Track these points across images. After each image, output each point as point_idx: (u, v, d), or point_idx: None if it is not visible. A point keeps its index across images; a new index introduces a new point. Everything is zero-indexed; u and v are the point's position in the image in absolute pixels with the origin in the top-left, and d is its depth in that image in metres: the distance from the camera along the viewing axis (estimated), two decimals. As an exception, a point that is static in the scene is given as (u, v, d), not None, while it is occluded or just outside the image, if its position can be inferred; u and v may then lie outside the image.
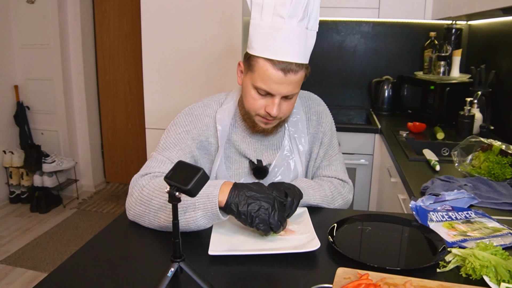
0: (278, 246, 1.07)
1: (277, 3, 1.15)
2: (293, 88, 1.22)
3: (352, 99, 3.35)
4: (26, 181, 3.91)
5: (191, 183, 0.84)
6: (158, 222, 1.14)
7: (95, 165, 4.35)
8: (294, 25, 1.15)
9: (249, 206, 1.06)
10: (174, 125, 1.35)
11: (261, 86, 1.20)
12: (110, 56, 4.19)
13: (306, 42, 1.20)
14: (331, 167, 1.47)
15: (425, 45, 3.06)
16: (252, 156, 1.38)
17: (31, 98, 4.02)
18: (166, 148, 1.31)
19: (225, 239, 1.11)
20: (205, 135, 1.35)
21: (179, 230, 0.97)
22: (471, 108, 2.35)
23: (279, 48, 1.16)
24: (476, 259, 0.96)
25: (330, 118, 1.50)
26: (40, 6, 3.78)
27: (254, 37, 1.20)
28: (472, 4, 2.07)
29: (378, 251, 1.11)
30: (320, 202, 1.34)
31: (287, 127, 1.40)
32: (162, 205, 1.12)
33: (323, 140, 1.46)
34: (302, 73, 1.21)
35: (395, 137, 2.37)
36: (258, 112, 1.26)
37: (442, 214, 1.27)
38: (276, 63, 1.16)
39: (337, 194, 1.40)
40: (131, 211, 1.20)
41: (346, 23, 3.23)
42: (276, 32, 1.16)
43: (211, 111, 1.37)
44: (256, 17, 1.20)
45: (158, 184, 1.18)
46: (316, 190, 1.35)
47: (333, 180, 1.44)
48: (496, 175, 1.62)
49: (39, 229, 3.47)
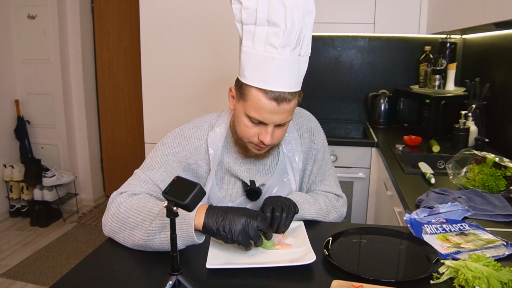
0: (274, 260, 1.09)
1: (269, 33, 1.12)
2: (286, 116, 1.21)
3: (349, 113, 3.38)
4: (26, 195, 3.92)
5: (188, 198, 0.86)
6: (132, 241, 1.14)
7: (95, 179, 4.37)
8: (287, 54, 1.13)
9: (226, 221, 1.06)
10: (162, 145, 1.34)
11: (254, 115, 1.18)
12: (110, 71, 4.23)
13: (299, 69, 1.18)
14: (325, 182, 1.49)
15: (420, 59, 3.10)
16: (245, 178, 1.37)
17: (32, 113, 4.05)
18: (151, 168, 1.31)
19: (222, 252, 1.13)
20: (193, 158, 1.34)
21: (155, 250, 0.98)
22: (466, 121, 2.38)
23: (272, 78, 1.14)
24: (468, 270, 0.97)
25: (322, 134, 1.50)
26: (41, 21, 3.84)
27: (246, 65, 1.18)
28: (466, 19, 2.11)
29: (373, 263, 1.12)
30: (315, 216, 1.36)
31: (280, 146, 1.40)
32: (138, 223, 1.14)
33: (316, 157, 1.47)
34: (295, 101, 1.20)
35: (391, 151, 2.40)
36: (251, 140, 1.25)
37: (436, 227, 1.29)
38: (269, 93, 1.14)
39: (331, 208, 1.42)
40: (106, 227, 1.21)
41: (342, 38, 3.28)
42: (268, 61, 1.13)
43: (202, 133, 1.35)
44: (247, 45, 1.17)
45: (135, 202, 1.19)
46: (311, 204, 1.36)
47: (327, 195, 1.46)
48: (490, 187, 1.64)
49: (39, 243, 3.47)
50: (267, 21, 1.12)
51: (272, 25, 1.12)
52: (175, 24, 2.65)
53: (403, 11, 2.83)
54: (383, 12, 2.85)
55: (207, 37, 2.63)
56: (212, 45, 2.64)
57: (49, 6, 3.79)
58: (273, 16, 1.10)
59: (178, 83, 2.71)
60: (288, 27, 1.10)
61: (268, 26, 1.13)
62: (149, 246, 1.12)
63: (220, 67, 2.65)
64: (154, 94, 2.75)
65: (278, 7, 1.09)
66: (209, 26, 2.61)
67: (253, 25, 1.15)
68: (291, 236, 1.21)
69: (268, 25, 1.12)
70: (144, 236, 1.11)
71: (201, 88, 2.68)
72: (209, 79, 2.66)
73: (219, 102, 2.62)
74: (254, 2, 1.12)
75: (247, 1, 1.13)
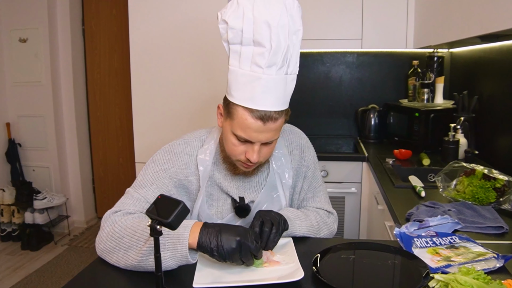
0: (262, 277, 1.08)
1: (255, 53, 1.13)
2: (273, 135, 1.21)
3: (339, 128, 3.40)
4: (17, 218, 3.87)
5: (171, 216, 0.86)
6: (125, 261, 1.13)
7: (87, 201, 4.33)
8: (273, 74, 1.14)
9: (220, 241, 1.06)
10: (152, 162, 1.34)
11: (241, 134, 1.19)
12: (101, 92, 4.24)
13: (285, 88, 1.18)
14: (316, 198, 1.49)
15: (408, 73, 3.13)
16: (234, 194, 1.37)
17: (23, 135, 4.04)
18: (143, 186, 1.30)
19: (209, 271, 1.11)
20: (184, 173, 1.34)
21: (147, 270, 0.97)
22: (456, 133, 2.39)
23: (258, 98, 1.15)
24: (458, 284, 0.97)
25: (312, 151, 1.51)
26: (32, 44, 3.85)
27: (233, 84, 1.19)
28: (451, 33, 2.14)
29: (362, 279, 1.11)
30: (306, 233, 1.35)
31: (270, 163, 1.40)
32: (133, 243, 1.12)
33: (306, 174, 1.47)
34: (282, 119, 1.20)
35: (381, 165, 2.40)
36: (238, 158, 1.26)
37: (426, 240, 1.29)
38: (255, 112, 1.15)
39: (323, 224, 1.42)
40: (100, 245, 1.18)
41: (331, 54, 3.31)
42: (255, 81, 1.14)
43: (192, 149, 1.36)
44: (234, 64, 1.18)
45: (130, 222, 1.18)
46: (302, 220, 1.35)
47: (319, 211, 1.46)
48: (480, 199, 1.64)
49: (30, 267, 3.42)
50: (253, 41, 1.13)
51: (258, 45, 1.13)
52: (164, 44, 2.67)
53: (390, 26, 2.87)
54: (370, 28, 2.89)
55: (196, 56, 2.65)
56: (201, 64, 2.65)
57: (40, 29, 3.81)
58: (258, 36, 1.11)
59: (168, 103, 2.71)
60: (274, 47, 1.11)
61: (254, 46, 1.14)
62: (142, 267, 1.11)
63: (209, 85, 2.66)
64: (144, 114, 2.76)
65: (263, 28, 1.10)
66: (198, 46, 2.63)
67: (239, 45, 1.16)
68: (279, 253, 1.20)
69: (253, 45, 1.14)
70: (138, 257, 1.10)
71: (191, 107, 2.69)
72: (199, 98, 2.67)
73: (209, 121, 2.62)
74: (239, 22, 1.13)
75: (232, 21, 1.14)
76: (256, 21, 1.11)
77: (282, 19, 1.11)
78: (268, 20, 1.10)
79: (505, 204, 1.60)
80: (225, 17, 1.15)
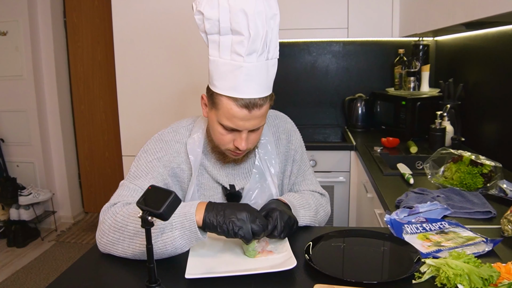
0: (255, 267, 1.08)
1: (234, 41, 1.13)
2: (259, 122, 1.22)
3: (327, 118, 3.40)
4: (2, 215, 3.81)
5: (163, 207, 0.85)
6: (132, 249, 1.11)
7: (73, 196, 4.28)
8: (254, 61, 1.14)
9: (227, 215, 1.07)
10: (145, 152, 1.33)
11: (227, 123, 1.19)
12: (85, 85, 4.18)
13: (267, 74, 1.18)
14: (307, 181, 1.50)
15: (394, 62, 3.14)
16: (225, 182, 1.37)
17: (6, 130, 3.97)
18: (138, 176, 1.29)
19: (201, 261, 1.11)
20: (176, 161, 1.33)
21: (157, 255, 0.97)
22: (442, 121, 2.41)
23: (241, 86, 1.14)
24: (449, 268, 0.97)
25: (298, 134, 1.52)
26: (12, 37, 3.77)
27: (214, 74, 1.18)
28: (436, 21, 2.15)
29: (354, 266, 1.12)
30: (308, 223, 1.36)
31: (257, 149, 1.40)
32: (138, 230, 1.11)
33: (295, 157, 1.48)
34: (267, 105, 1.20)
35: (369, 153, 2.41)
36: (227, 146, 1.26)
37: (416, 226, 1.30)
38: (239, 100, 1.15)
39: (319, 206, 1.43)
40: (103, 239, 1.16)
41: (317, 43, 3.30)
42: (236, 70, 1.14)
43: (181, 136, 1.35)
44: (214, 54, 1.18)
45: (132, 210, 1.16)
46: (306, 209, 1.36)
47: (314, 194, 1.47)
48: (468, 185, 1.65)
49: (16, 264, 3.37)
50: (231, 30, 1.12)
51: (236, 34, 1.12)
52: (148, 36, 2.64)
53: (376, 15, 2.87)
54: (356, 17, 2.88)
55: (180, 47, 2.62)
56: (185, 55, 2.63)
57: (20, 22, 3.73)
58: (236, 25, 1.10)
59: (154, 94, 2.69)
60: (252, 35, 1.10)
61: (232, 35, 1.13)
62: None
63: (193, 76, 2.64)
64: (130, 107, 2.73)
65: (240, 16, 1.10)
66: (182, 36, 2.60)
67: (217, 35, 1.15)
68: (271, 243, 1.19)
69: (232, 34, 1.13)
70: (144, 242, 1.08)
71: (176, 98, 2.67)
72: (184, 89, 2.65)
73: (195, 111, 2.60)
74: (215, 13, 1.12)
75: (208, 12, 1.13)
76: (232, 10, 1.10)
77: (258, 5, 1.10)
78: (243, 7, 1.09)
79: (492, 189, 1.62)
80: (200, 7, 1.14)
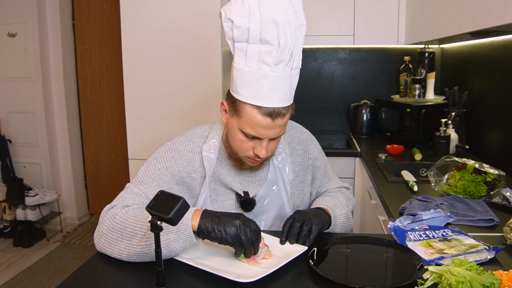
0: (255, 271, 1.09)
1: (262, 51, 1.13)
2: (280, 130, 1.23)
3: (332, 124, 3.41)
4: (9, 215, 3.84)
5: (172, 212, 0.86)
6: (128, 251, 1.13)
7: (79, 197, 4.31)
8: (280, 71, 1.15)
9: (220, 223, 1.09)
10: (154, 159, 1.34)
11: (249, 131, 1.20)
12: (92, 87, 4.21)
13: (291, 83, 1.20)
14: (331, 181, 1.58)
15: (400, 69, 3.15)
16: (239, 189, 1.37)
17: (13, 131, 4.00)
18: (144, 182, 1.30)
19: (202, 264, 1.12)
20: (186, 171, 1.33)
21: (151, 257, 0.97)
22: (447, 128, 2.42)
23: (266, 95, 1.15)
24: (452, 275, 0.98)
25: (315, 142, 1.55)
26: (21, 39, 3.81)
27: (239, 82, 1.18)
28: (442, 29, 2.16)
29: (358, 272, 1.13)
30: (344, 220, 1.40)
31: (272, 158, 1.40)
32: (137, 231, 1.13)
33: (315, 164, 1.52)
34: (289, 114, 1.22)
35: (374, 160, 2.42)
36: (247, 154, 1.27)
37: (419, 233, 1.31)
38: (263, 109, 1.16)
39: (348, 200, 1.52)
40: (101, 239, 1.18)
41: (323, 50, 3.32)
42: (262, 79, 1.14)
43: (195, 145, 1.35)
44: (240, 62, 1.18)
45: (131, 212, 1.18)
46: (341, 207, 1.41)
47: (341, 189, 1.57)
48: (472, 193, 1.66)
49: (22, 264, 3.40)
50: (260, 39, 1.13)
51: (265, 43, 1.12)
52: (156, 41, 2.66)
53: (382, 22, 2.89)
54: (362, 24, 2.90)
55: (189, 52, 2.64)
56: (195, 60, 2.64)
57: (29, 24, 3.77)
58: (266, 34, 1.11)
59: (161, 99, 2.71)
60: (282, 45, 1.11)
61: (261, 44, 1.13)
62: (146, 254, 1.11)
63: (202, 82, 2.66)
64: (137, 110, 2.75)
65: (271, 26, 1.10)
66: (192, 41, 2.62)
67: (245, 43, 1.15)
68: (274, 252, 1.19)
69: (260, 43, 1.13)
70: (142, 242, 1.11)
71: (184, 103, 2.68)
72: (193, 94, 2.67)
73: (203, 117, 2.62)
74: (246, 21, 1.12)
75: (238, 20, 1.13)
76: (263, 19, 1.10)
77: (289, 16, 1.11)
78: (275, 18, 1.09)
79: (496, 197, 1.63)
80: (230, 15, 1.14)
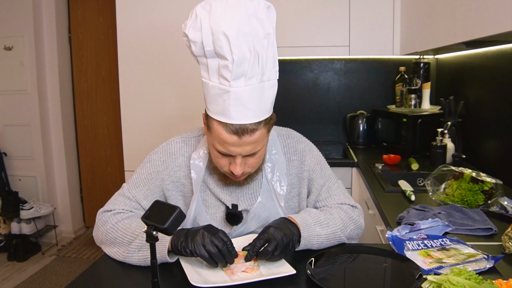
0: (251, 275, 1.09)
1: (220, 65, 1.06)
2: (253, 148, 1.14)
3: (328, 134, 3.42)
4: (4, 229, 3.80)
5: (167, 222, 0.85)
6: (114, 254, 1.23)
7: (74, 210, 4.28)
8: (242, 85, 1.06)
9: (187, 239, 1.10)
10: (148, 161, 1.35)
11: (220, 148, 1.14)
12: (88, 100, 4.21)
13: (262, 97, 1.10)
14: (333, 197, 1.39)
15: (395, 79, 3.17)
16: (228, 201, 1.32)
17: (9, 144, 3.99)
18: (136, 185, 1.33)
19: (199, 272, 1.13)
20: (177, 175, 1.32)
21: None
22: (443, 138, 2.42)
23: (230, 111, 1.08)
24: (451, 284, 0.98)
25: (314, 153, 1.42)
26: (18, 52, 3.82)
27: (206, 96, 1.13)
28: (437, 39, 2.17)
29: (356, 282, 1.12)
30: (325, 242, 1.25)
31: (264, 171, 1.33)
32: (125, 242, 1.20)
33: (311, 177, 1.38)
34: (260, 131, 1.13)
35: (371, 170, 2.42)
36: (224, 169, 1.22)
37: (418, 243, 1.30)
38: (229, 126, 1.09)
39: (348, 219, 1.32)
40: (99, 238, 1.29)
41: (319, 61, 3.33)
42: (224, 94, 1.07)
43: (188, 148, 1.33)
44: (205, 76, 1.12)
45: (121, 224, 1.25)
46: (324, 227, 1.25)
47: (342, 206, 1.37)
48: (469, 202, 1.66)
49: (17, 278, 3.36)
50: (215, 53, 1.07)
51: (221, 58, 1.06)
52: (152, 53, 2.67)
53: (377, 33, 2.91)
54: (357, 35, 2.92)
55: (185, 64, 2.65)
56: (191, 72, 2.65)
57: (25, 37, 3.78)
58: (219, 48, 1.04)
59: (157, 111, 2.71)
60: (236, 59, 1.03)
61: (218, 58, 1.07)
62: (129, 262, 1.19)
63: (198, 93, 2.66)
64: (133, 122, 2.75)
65: (221, 39, 1.03)
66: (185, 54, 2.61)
67: (204, 57, 1.10)
68: (263, 264, 1.16)
69: (217, 57, 1.07)
70: (124, 253, 1.19)
71: (179, 114, 2.69)
72: (189, 106, 2.67)
73: (199, 128, 2.62)
74: (198, 36, 1.06)
75: (192, 34, 1.08)
76: (213, 33, 1.04)
77: (243, 27, 1.02)
78: (224, 31, 1.02)
79: (493, 206, 1.63)
80: (185, 29, 1.09)
